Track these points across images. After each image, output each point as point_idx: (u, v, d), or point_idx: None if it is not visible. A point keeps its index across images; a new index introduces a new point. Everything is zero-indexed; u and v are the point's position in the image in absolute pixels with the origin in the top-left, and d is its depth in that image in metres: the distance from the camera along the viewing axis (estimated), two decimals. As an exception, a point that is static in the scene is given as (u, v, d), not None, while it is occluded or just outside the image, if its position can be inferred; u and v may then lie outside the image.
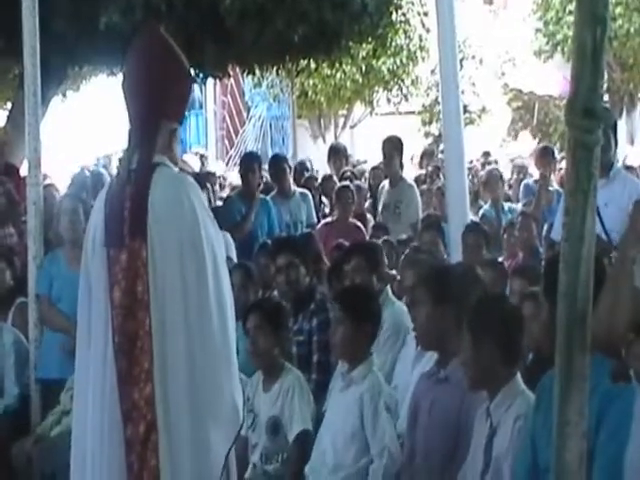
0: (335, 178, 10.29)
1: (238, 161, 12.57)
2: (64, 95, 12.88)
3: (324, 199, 10.19)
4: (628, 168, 8.39)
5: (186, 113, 4.20)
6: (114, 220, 3.73)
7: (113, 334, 3.67)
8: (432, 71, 17.93)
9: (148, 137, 3.82)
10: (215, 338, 3.65)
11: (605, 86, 18.44)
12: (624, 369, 2.69)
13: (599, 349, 2.59)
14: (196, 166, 13.48)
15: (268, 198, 8.47)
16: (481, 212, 8.77)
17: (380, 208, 8.62)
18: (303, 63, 12.17)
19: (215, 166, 16.59)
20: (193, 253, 3.63)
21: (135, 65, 3.97)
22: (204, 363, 3.65)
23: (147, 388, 3.62)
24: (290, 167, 9.64)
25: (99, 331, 3.75)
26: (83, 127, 22.74)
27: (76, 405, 3.93)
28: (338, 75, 17.84)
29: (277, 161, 9.29)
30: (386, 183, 8.56)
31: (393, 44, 16.50)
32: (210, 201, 7.94)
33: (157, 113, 3.85)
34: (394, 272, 6.32)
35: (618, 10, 16.90)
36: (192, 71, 10.29)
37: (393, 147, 8.50)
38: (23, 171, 8.21)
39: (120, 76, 12.15)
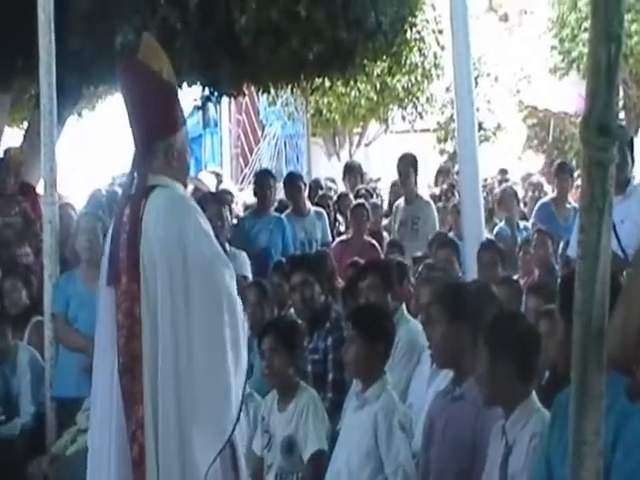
0: (351, 196, 10.31)
1: (253, 179, 12.60)
2: (80, 114, 12.93)
3: (339, 217, 10.20)
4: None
5: (201, 131, 4.29)
6: (112, 260, 3.89)
7: (118, 355, 3.74)
8: (447, 89, 17.93)
9: (142, 161, 3.96)
10: (205, 361, 3.71)
11: (621, 103, 18.41)
12: (639, 387, 2.67)
13: (612, 366, 2.58)
14: (212, 184, 13.52)
15: (283, 216, 8.49)
16: (496, 230, 8.76)
17: (397, 225, 8.62)
18: (318, 81, 12.22)
19: (229, 185, 16.64)
20: (182, 281, 3.70)
21: (123, 94, 4.11)
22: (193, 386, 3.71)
23: (140, 410, 3.68)
24: (305, 185, 9.66)
25: (107, 352, 3.82)
26: (99, 146, 22.85)
27: (91, 425, 3.99)
28: (353, 93, 17.87)
29: (292, 179, 9.31)
30: (401, 201, 8.58)
31: (408, 62, 16.53)
32: (228, 220, 7.99)
33: (146, 136, 3.96)
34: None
35: (634, 27, 16.88)
36: (207, 89, 10.42)
37: (409, 164, 8.52)
38: (39, 190, 8.25)
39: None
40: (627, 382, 2.68)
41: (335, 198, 10.83)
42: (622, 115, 18.73)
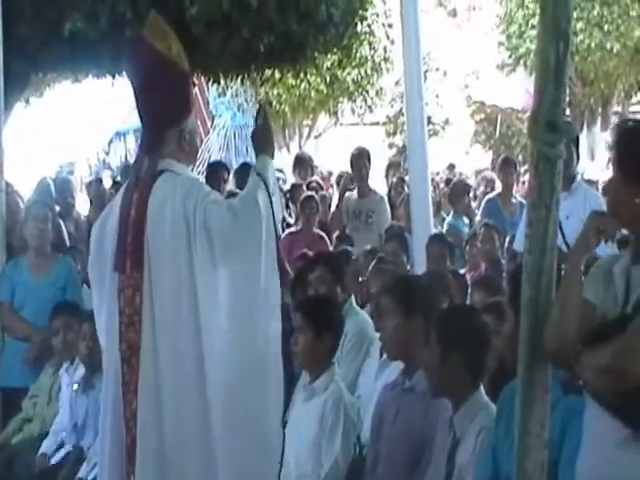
0: (304, 187, 10.27)
1: (203, 170, 12.52)
2: (27, 101, 12.76)
3: (291, 206, 10.15)
4: (589, 182, 8.45)
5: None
6: (119, 245, 3.73)
7: (120, 341, 3.67)
8: (396, 82, 18.00)
9: (153, 146, 3.80)
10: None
11: (567, 100, 18.58)
12: (575, 380, 2.71)
13: (551, 359, 2.61)
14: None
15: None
16: (446, 223, 8.81)
17: (348, 217, 8.60)
18: (268, 73, 12.15)
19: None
20: (186, 266, 3.60)
21: (130, 79, 3.94)
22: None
23: (134, 402, 3.61)
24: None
25: (109, 336, 3.74)
26: (46, 134, 22.58)
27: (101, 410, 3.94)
28: (303, 85, 17.85)
29: (244, 170, 9.26)
30: (354, 193, 8.55)
31: (358, 55, 16.54)
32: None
33: (158, 123, 3.79)
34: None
35: (579, 25, 17.05)
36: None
37: (362, 158, 8.51)
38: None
39: (84, 83, 12.10)
40: (564, 375, 2.72)
41: (287, 188, 10.79)
42: (568, 112, 18.93)
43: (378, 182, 11.36)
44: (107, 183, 12.19)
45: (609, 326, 2.52)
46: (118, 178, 13.30)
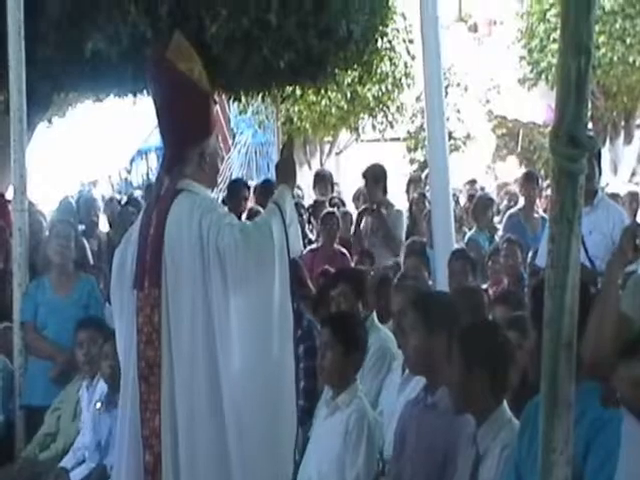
0: (326, 204, 10.29)
1: (224, 187, 12.56)
2: (49, 121, 12.86)
3: (313, 221, 10.16)
4: (612, 196, 8.42)
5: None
6: (139, 263, 3.77)
7: (138, 359, 3.68)
8: (417, 98, 17.99)
9: (174, 165, 3.82)
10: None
11: (589, 114, 18.50)
12: (613, 394, 2.70)
13: (587, 373, 2.61)
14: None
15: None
16: (467, 237, 8.78)
17: (366, 233, 8.58)
18: (288, 90, 12.21)
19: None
20: (201, 286, 3.61)
21: (152, 97, 3.97)
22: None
23: (156, 418, 3.62)
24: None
25: (128, 356, 3.77)
26: (69, 153, 22.72)
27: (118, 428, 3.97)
28: (323, 102, 17.87)
29: (265, 187, 9.29)
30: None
31: (378, 71, 16.53)
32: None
33: (179, 142, 3.82)
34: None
35: (601, 39, 16.98)
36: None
37: (375, 174, 8.49)
38: (8, 197, 8.20)
39: (106, 102, 12.18)
40: (602, 388, 2.71)
41: (309, 204, 10.81)
42: (590, 126, 18.87)
43: (399, 197, 11.37)
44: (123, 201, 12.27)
45: None
46: (136, 194, 13.38)
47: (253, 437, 3.61)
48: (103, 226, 10.56)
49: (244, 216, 8.43)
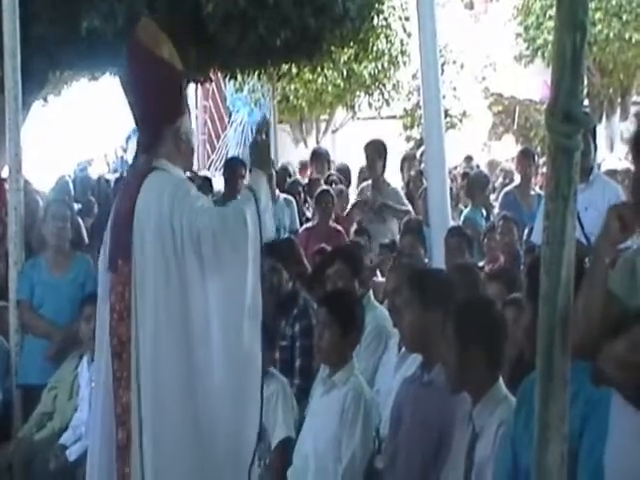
0: (322, 181, 10.27)
1: (220, 166, 12.56)
2: (45, 100, 12.80)
3: (309, 200, 10.15)
4: (608, 172, 8.40)
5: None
6: (112, 242, 3.82)
7: (110, 337, 3.71)
8: (413, 76, 17.95)
9: (150, 144, 3.89)
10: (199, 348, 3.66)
11: (585, 91, 18.47)
12: (603, 372, 2.70)
13: (575, 352, 2.60)
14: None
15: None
16: (463, 215, 8.77)
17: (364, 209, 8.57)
18: (285, 68, 12.18)
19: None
20: (175, 269, 3.64)
21: (125, 77, 4.03)
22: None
23: (125, 396, 3.65)
24: (274, 172, 9.61)
25: (101, 334, 3.80)
26: (64, 132, 22.66)
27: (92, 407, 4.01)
28: (320, 80, 17.83)
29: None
30: (369, 185, 8.54)
31: (374, 49, 16.48)
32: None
33: (154, 121, 3.89)
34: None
35: (597, 15, 16.93)
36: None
37: (375, 151, 8.48)
38: (4, 175, 8.17)
39: (102, 80, 12.13)
40: (592, 367, 2.70)
41: (305, 182, 10.80)
42: (586, 102, 18.83)
43: (395, 176, 11.36)
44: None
45: (631, 317, 2.52)
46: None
47: (221, 412, 3.66)
48: (99, 205, 10.54)
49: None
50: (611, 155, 16.15)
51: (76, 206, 10.49)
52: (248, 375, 3.77)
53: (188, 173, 4.36)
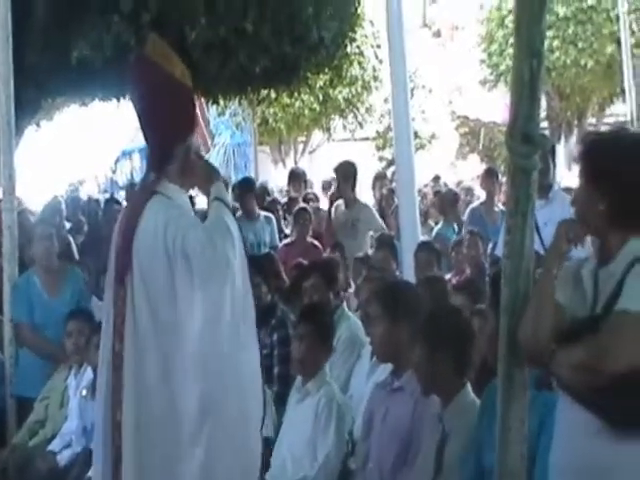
0: (300, 199, 10.28)
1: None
2: (38, 125, 12.75)
3: (288, 218, 10.15)
4: (566, 190, 8.45)
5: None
6: (117, 259, 3.70)
7: (112, 349, 3.62)
8: (385, 100, 17.99)
9: (161, 163, 3.70)
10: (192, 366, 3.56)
11: (544, 114, 18.60)
12: (547, 377, 2.74)
13: (526, 357, 2.62)
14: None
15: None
16: (435, 231, 8.80)
17: (338, 226, 8.58)
18: (264, 93, 12.18)
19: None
20: (167, 275, 3.56)
21: (134, 99, 3.88)
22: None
23: (118, 414, 3.55)
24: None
25: (104, 345, 3.70)
26: (57, 155, 22.58)
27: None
28: (297, 104, 17.86)
29: (244, 185, 9.30)
30: (341, 204, 8.55)
31: (348, 74, 16.55)
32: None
33: (165, 140, 3.69)
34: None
35: (555, 43, 17.05)
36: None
37: (346, 171, 8.48)
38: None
39: (92, 106, 12.09)
40: (538, 374, 2.72)
41: (285, 201, 10.80)
42: (546, 124, 18.94)
43: (368, 193, 11.37)
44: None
45: (581, 325, 2.53)
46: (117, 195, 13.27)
47: (223, 425, 3.53)
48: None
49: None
50: (569, 174, 16.23)
51: (67, 225, 10.46)
52: (247, 370, 3.58)
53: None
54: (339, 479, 4.26)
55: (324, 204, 10.58)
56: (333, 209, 8.39)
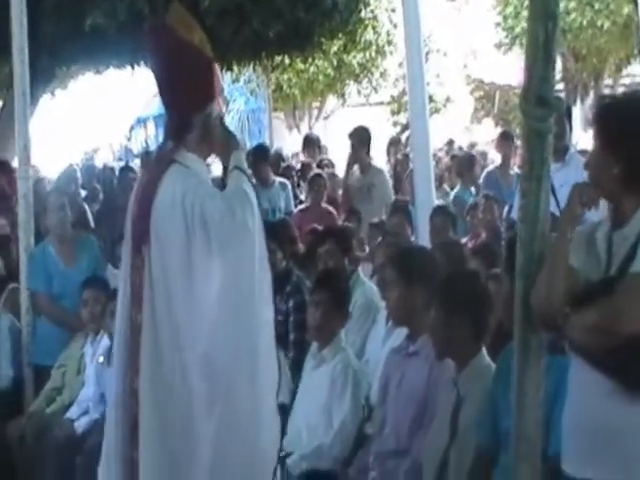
0: (313, 165, 10.24)
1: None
2: (53, 94, 12.74)
3: (302, 184, 10.12)
4: (582, 152, 8.38)
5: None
6: (135, 227, 3.65)
7: (130, 316, 3.60)
8: (399, 64, 17.88)
9: (178, 131, 3.66)
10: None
11: (560, 76, 18.46)
12: (560, 341, 2.73)
13: (539, 321, 2.61)
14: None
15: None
16: (453, 194, 8.76)
17: (354, 192, 8.54)
18: (278, 59, 12.15)
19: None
20: (184, 244, 3.53)
21: (152, 67, 3.83)
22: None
23: (135, 381, 3.55)
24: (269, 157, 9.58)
25: (121, 313, 3.68)
26: (72, 123, 22.59)
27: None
28: (311, 69, 17.80)
29: (258, 151, 9.26)
30: (356, 169, 8.51)
31: (362, 39, 16.45)
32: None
33: (184, 109, 3.64)
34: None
35: (571, 4, 16.92)
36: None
37: (360, 137, 8.44)
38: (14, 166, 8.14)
39: (106, 74, 12.07)
40: (550, 338, 2.71)
41: (299, 167, 10.78)
42: (561, 87, 18.80)
43: (383, 158, 11.33)
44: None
45: (595, 288, 2.52)
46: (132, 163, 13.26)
47: (236, 393, 3.52)
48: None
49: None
50: (585, 135, 16.11)
51: (82, 192, 10.47)
52: (260, 340, 3.53)
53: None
54: (355, 444, 4.27)
55: (339, 170, 10.57)
56: (349, 175, 8.35)
